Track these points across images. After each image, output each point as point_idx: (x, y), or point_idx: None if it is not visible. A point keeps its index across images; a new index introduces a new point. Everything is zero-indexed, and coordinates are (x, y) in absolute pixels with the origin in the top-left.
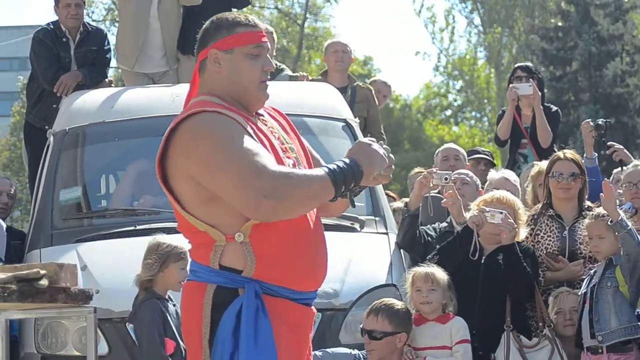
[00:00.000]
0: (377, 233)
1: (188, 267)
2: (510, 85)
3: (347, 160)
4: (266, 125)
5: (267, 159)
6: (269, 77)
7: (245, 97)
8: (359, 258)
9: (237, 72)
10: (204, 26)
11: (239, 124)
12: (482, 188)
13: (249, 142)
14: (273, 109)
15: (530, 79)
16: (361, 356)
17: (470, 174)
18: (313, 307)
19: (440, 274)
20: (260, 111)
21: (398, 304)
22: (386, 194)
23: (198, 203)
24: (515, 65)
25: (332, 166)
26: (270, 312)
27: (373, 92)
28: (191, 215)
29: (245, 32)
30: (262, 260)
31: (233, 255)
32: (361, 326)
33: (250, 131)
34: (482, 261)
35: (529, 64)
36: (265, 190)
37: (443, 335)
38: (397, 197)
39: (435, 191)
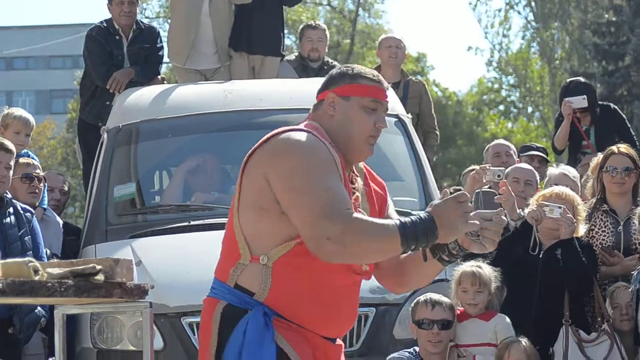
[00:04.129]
0: None
1: None
2: (564, 100)
3: (425, 217)
4: (353, 183)
5: (344, 199)
6: (378, 134)
7: (349, 147)
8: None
9: (348, 121)
10: (331, 71)
11: (333, 159)
12: (540, 186)
13: (334, 178)
14: (373, 175)
15: (585, 95)
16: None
17: (533, 171)
18: (339, 341)
19: (487, 274)
20: (360, 170)
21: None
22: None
23: (253, 204)
24: (568, 81)
25: (406, 220)
26: (287, 328)
27: (427, 87)
28: (238, 217)
29: (367, 84)
30: (277, 287)
31: (251, 276)
32: (423, 317)
33: (340, 172)
34: (541, 256)
35: (581, 78)
36: (332, 233)
37: (487, 332)
38: None
39: (487, 186)
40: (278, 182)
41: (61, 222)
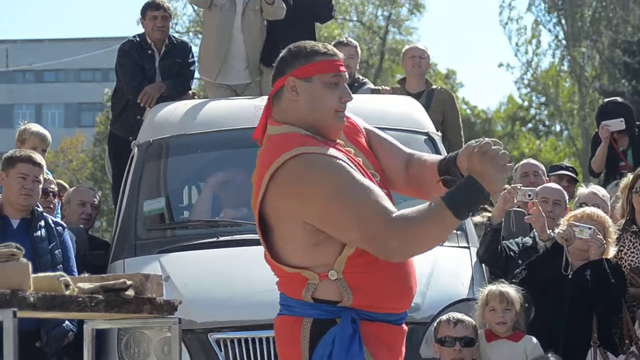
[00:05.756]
0: (459, 247)
1: None
2: (602, 123)
3: (466, 181)
4: (349, 153)
5: (381, 204)
6: (345, 108)
7: (321, 126)
8: (440, 272)
9: (314, 101)
10: (281, 54)
11: (341, 160)
12: (568, 206)
13: (357, 184)
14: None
15: (623, 116)
16: None
17: (562, 191)
18: (404, 326)
19: (515, 293)
20: None
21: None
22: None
23: (304, 246)
24: (605, 101)
25: (452, 191)
26: (368, 335)
27: (453, 97)
28: (282, 265)
29: (324, 60)
30: (358, 291)
31: (328, 291)
32: (445, 335)
33: (348, 162)
34: (570, 276)
35: (619, 98)
36: (393, 240)
37: (517, 353)
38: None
39: (517, 206)
40: (323, 224)
41: (74, 237)
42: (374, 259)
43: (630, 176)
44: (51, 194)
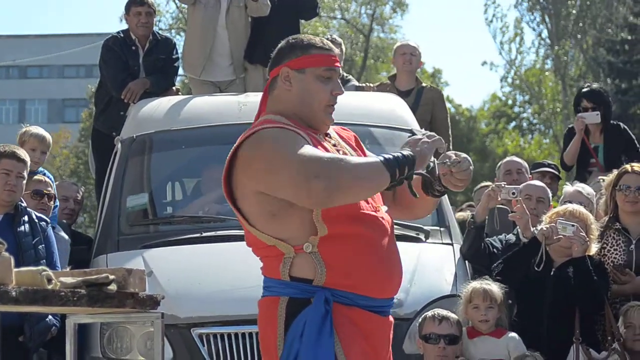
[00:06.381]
0: (442, 243)
1: None
2: (578, 115)
3: (398, 150)
4: (331, 142)
5: (318, 151)
6: (336, 102)
7: (311, 119)
8: (424, 268)
9: (306, 93)
10: (280, 45)
11: (298, 134)
12: (552, 203)
13: (305, 145)
14: (342, 128)
15: (601, 105)
16: None
17: (545, 188)
18: (390, 317)
19: (498, 291)
20: (329, 131)
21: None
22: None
23: (265, 218)
24: (583, 91)
25: (384, 154)
26: (343, 319)
27: (443, 95)
28: (259, 231)
29: (318, 54)
30: (332, 268)
31: (303, 266)
32: (430, 332)
33: (310, 141)
34: (552, 273)
35: (595, 86)
36: (315, 171)
37: (499, 349)
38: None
39: (501, 204)
40: (262, 180)
41: (69, 239)
42: (350, 238)
43: (615, 172)
44: (46, 196)
